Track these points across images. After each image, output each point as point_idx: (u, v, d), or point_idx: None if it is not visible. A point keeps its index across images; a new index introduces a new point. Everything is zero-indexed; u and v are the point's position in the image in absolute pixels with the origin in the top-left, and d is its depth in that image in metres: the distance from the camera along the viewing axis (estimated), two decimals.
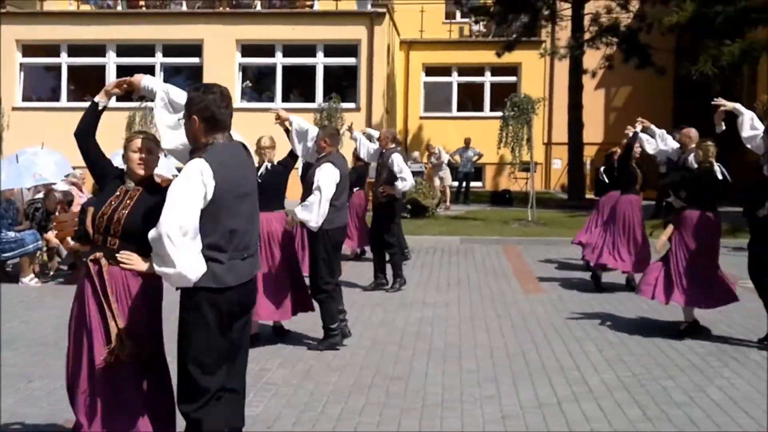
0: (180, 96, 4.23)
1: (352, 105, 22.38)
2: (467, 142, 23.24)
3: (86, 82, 24.00)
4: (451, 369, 6.80)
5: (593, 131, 24.90)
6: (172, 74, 24.34)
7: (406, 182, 10.31)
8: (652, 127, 9.56)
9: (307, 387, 6.27)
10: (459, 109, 28.15)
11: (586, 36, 22.89)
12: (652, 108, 26.76)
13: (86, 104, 4.57)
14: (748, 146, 7.89)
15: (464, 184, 23.09)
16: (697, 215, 7.92)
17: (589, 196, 23.41)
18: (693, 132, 9.27)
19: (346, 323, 7.70)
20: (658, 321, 8.60)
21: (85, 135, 4.48)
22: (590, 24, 22.92)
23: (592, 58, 23.73)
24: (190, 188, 3.81)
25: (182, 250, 3.74)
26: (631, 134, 9.73)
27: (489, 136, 24.48)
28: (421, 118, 28.05)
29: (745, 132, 7.83)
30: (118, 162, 4.81)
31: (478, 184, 26.36)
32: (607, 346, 7.57)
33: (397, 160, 10.26)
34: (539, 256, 13.50)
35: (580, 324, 8.53)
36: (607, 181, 11.61)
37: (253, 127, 23.06)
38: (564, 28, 23.99)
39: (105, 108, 4.54)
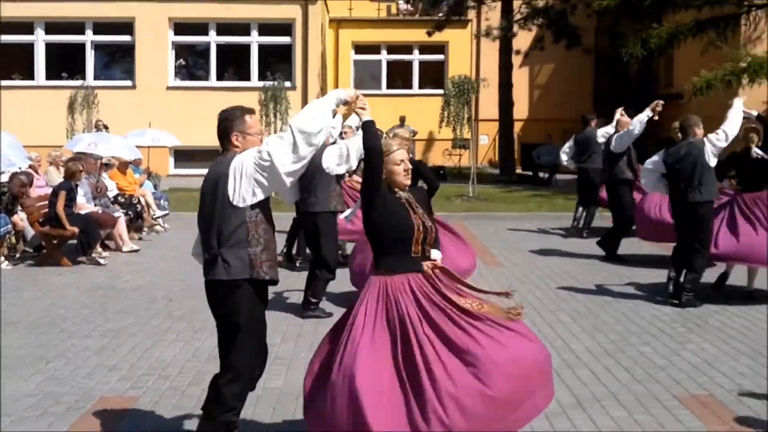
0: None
1: (287, 84, 22.54)
2: (402, 120, 23.72)
3: (13, 60, 23.47)
4: None
5: (519, 108, 25.68)
6: (103, 53, 24.06)
7: None
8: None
9: None
10: (389, 87, 28.58)
11: (517, 17, 23.59)
12: (573, 85, 27.83)
13: (12, 82, 4.70)
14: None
15: None
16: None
17: (519, 171, 24.36)
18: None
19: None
20: (616, 290, 9.30)
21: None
22: (521, 5, 23.62)
23: (520, 38, 24.47)
24: None
25: None
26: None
27: (419, 113, 25.11)
28: None
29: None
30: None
31: None
32: (579, 316, 8.20)
33: None
34: (487, 231, 14.14)
35: (548, 296, 9.16)
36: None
37: (186, 105, 23.29)
38: (492, 9, 24.64)
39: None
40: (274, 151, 4.25)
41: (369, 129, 4.38)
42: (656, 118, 10.57)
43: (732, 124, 8.54)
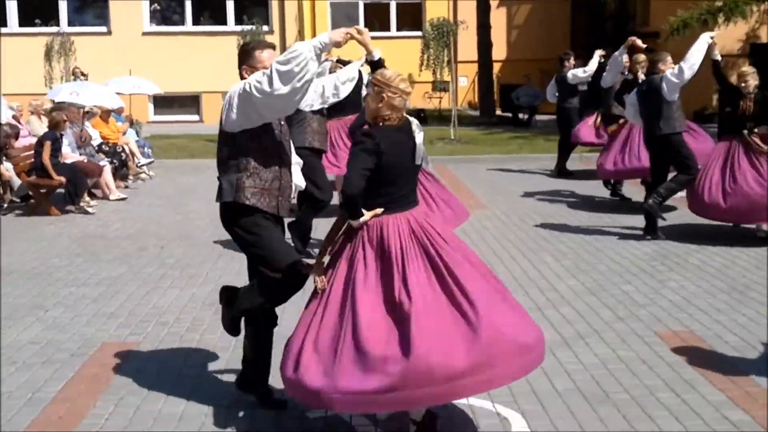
0: None
1: (265, 28, 22.37)
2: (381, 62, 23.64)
3: None
4: None
5: (497, 49, 25.67)
6: None
7: None
8: None
9: None
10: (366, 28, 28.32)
11: None
12: (551, 25, 27.81)
13: None
14: None
15: None
16: None
17: (499, 112, 24.47)
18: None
19: None
20: (598, 231, 9.53)
21: None
22: None
23: None
24: None
25: None
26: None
27: (398, 55, 24.89)
28: None
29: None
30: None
31: None
32: (562, 256, 8.43)
33: None
34: (470, 174, 14.32)
35: (530, 236, 9.39)
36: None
37: (163, 51, 23.06)
38: None
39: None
40: (254, 83, 4.35)
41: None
42: (644, 45, 10.72)
43: (689, 61, 8.68)
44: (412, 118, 4.43)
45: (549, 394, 5.01)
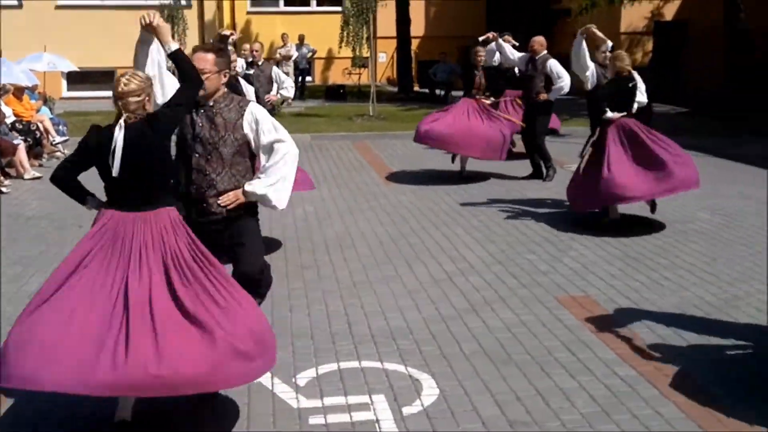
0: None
1: (183, 2, 22.19)
2: (301, 39, 23.73)
3: None
4: (350, 256, 7.81)
5: (416, 25, 26.01)
6: None
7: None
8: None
9: None
10: (286, 4, 28.31)
11: None
12: (468, 2, 28.20)
13: None
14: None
15: (300, 79, 23.71)
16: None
17: (417, 88, 24.82)
18: (540, 39, 11.17)
19: None
20: (508, 205, 9.95)
21: None
22: None
23: None
24: None
25: None
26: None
27: (319, 31, 25.12)
28: (248, 13, 28.00)
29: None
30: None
31: (308, 78, 26.97)
32: (472, 229, 8.81)
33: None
34: (387, 150, 14.63)
35: (443, 210, 9.75)
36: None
37: (77, 26, 22.56)
38: None
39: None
40: None
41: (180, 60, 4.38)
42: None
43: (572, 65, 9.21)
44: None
45: (457, 356, 5.37)
